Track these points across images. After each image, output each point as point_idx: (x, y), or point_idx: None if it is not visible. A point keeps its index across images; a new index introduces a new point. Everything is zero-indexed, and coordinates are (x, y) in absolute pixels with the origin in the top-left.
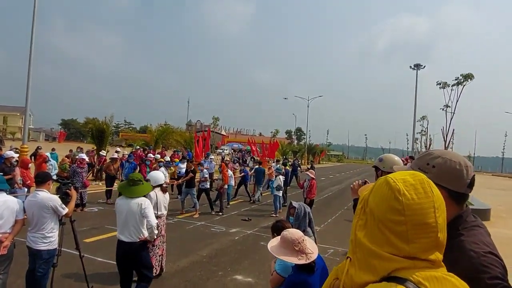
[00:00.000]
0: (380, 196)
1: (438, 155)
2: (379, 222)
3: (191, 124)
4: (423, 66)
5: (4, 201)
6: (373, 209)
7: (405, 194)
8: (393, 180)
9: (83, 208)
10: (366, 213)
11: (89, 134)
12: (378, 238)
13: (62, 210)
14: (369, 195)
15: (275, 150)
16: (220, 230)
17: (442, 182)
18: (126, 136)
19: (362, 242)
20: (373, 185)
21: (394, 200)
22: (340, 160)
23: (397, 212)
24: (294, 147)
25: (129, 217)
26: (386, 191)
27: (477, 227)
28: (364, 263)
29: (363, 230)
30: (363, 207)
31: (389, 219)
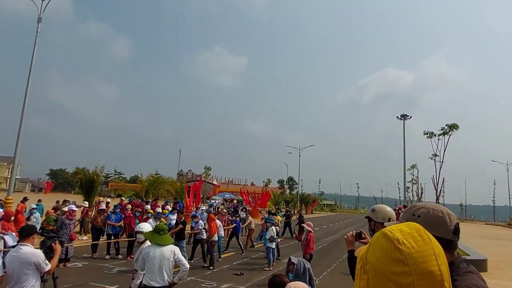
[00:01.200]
0: (380, 250)
1: (421, 206)
2: (383, 278)
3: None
4: (410, 117)
5: None
6: (374, 264)
7: (405, 243)
8: (389, 231)
9: (66, 263)
10: (366, 272)
11: (78, 184)
12: None
13: (45, 266)
14: (367, 252)
15: (267, 200)
16: (211, 285)
17: (428, 230)
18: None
19: None
20: (370, 242)
21: (395, 251)
22: (333, 210)
23: (400, 262)
24: (287, 197)
25: (162, 263)
26: (385, 243)
27: (470, 273)
28: None
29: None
30: (362, 266)
31: (392, 272)
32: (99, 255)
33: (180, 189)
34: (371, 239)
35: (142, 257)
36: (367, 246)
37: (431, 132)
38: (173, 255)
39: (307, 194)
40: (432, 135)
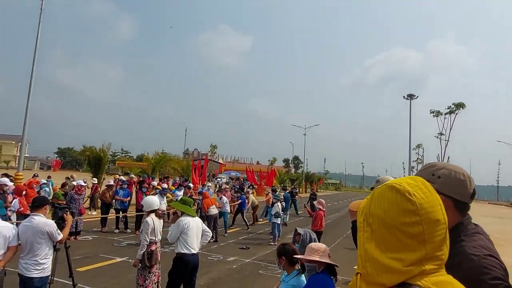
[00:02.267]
0: (388, 202)
1: (442, 166)
2: (392, 228)
3: (188, 152)
4: (416, 96)
5: None
6: (381, 216)
7: (415, 194)
8: (398, 184)
9: (77, 236)
10: (370, 224)
11: (86, 161)
12: (393, 245)
13: (57, 236)
14: (369, 206)
15: (272, 178)
16: (217, 258)
17: (447, 192)
18: (122, 164)
19: (372, 255)
20: (371, 196)
21: (406, 202)
22: (338, 189)
23: (412, 213)
24: (292, 175)
25: (198, 232)
26: (394, 195)
27: (477, 234)
28: (375, 276)
29: (371, 242)
30: (365, 219)
31: (403, 222)
32: (108, 229)
33: (186, 167)
34: (372, 193)
35: (182, 228)
36: (367, 200)
37: (438, 111)
38: (201, 225)
39: (312, 173)
40: (439, 114)
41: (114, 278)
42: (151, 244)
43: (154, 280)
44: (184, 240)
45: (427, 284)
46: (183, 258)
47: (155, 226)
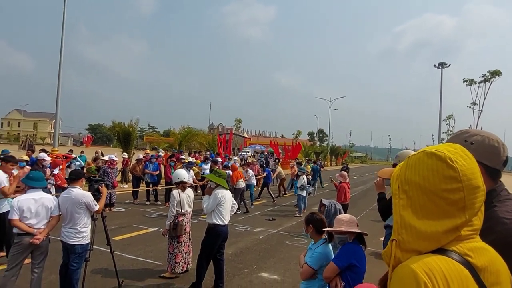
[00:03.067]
0: (428, 169)
1: (475, 133)
2: (431, 195)
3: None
4: (448, 65)
5: (39, 198)
6: (419, 183)
7: (457, 161)
8: (438, 151)
9: (112, 208)
10: (406, 191)
11: (116, 137)
12: (431, 212)
13: (94, 206)
14: (405, 173)
15: (297, 152)
16: (244, 229)
17: (480, 159)
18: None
19: (408, 222)
20: (405, 163)
21: (448, 169)
22: (364, 162)
23: (453, 180)
24: (317, 149)
25: (230, 204)
26: (435, 162)
27: (510, 200)
28: (411, 243)
29: (407, 209)
30: (399, 186)
31: (444, 189)
32: (140, 201)
33: (212, 141)
34: (407, 160)
35: (218, 199)
36: (400, 167)
37: (471, 79)
38: (231, 197)
39: (337, 146)
40: (472, 82)
41: (147, 247)
42: (178, 216)
43: (184, 250)
44: (219, 211)
45: (462, 250)
46: (217, 229)
47: (182, 198)
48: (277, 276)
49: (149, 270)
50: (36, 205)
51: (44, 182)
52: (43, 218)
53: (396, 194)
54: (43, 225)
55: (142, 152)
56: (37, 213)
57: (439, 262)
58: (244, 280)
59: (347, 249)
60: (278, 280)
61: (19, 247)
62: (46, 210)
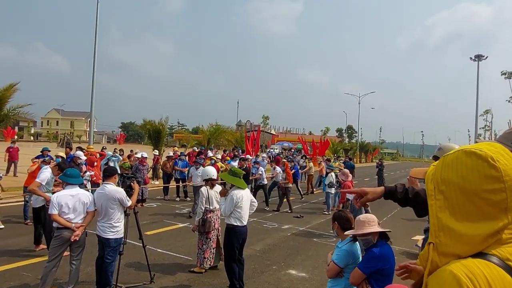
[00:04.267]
0: (467, 168)
1: None
2: (472, 196)
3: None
4: (485, 57)
5: (76, 194)
6: (459, 184)
7: (499, 160)
8: (478, 150)
9: (143, 203)
10: (442, 192)
11: (147, 135)
12: (471, 214)
13: (127, 202)
14: (441, 172)
15: (325, 149)
16: (272, 226)
17: None
18: (179, 137)
19: (446, 224)
20: (441, 162)
21: (490, 168)
22: (395, 158)
23: (495, 180)
24: (346, 145)
25: (247, 204)
26: (475, 161)
27: None
28: (450, 246)
29: (445, 211)
30: (435, 187)
31: (485, 189)
32: (170, 197)
33: (240, 138)
34: (443, 160)
35: (235, 201)
36: (434, 166)
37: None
38: (251, 197)
39: (366, 142)
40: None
41: (178, 242)
42: (207, 212)
43: (212, 245)
44: (237, 213)
45: (504, 254)
46: (236, 230)
47: (210, 195)
48: (305, 273)
49: (179, 265)
50: (73, 201)
51: (81, 179)
52: (80, 213)
53: (432, 195)
54: (80, 219)
55: (172, 149)
56: (74, 208)
57: (481, 266)
58: (272, 277)
59: (372, 255)
60: (306, 278)
61: (59, 240)
62: (83, 206)
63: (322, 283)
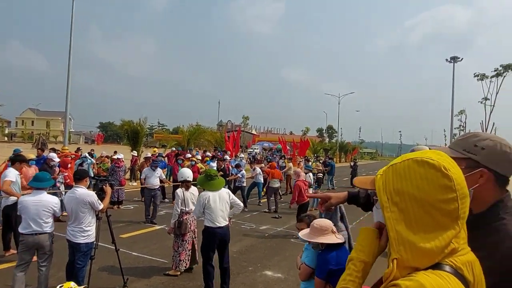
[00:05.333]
0: (421, 178)
1: (486, 137)
2: (427, 206)
3: (222, 124)
4: (460, 59)
5: (41, 199)
6: (414, 194)
7: (450, 169)
8: (430, 159)
9: (120, 205)
10: (396, 203)
11: (125, 135)
12: (426, 224)
13: (98, 206)
14: (392, 183)
15: (306, 149)
16: (250, 227)
17: (491, 165)
18: (159, 137)
19: (406, 238)
20: (390, 171)
21: (443, 178)
22: (374, 158)
23: (449, 189)
24: (326, 145)
25: (222, 205)
26: (428, 170)
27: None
28: (410, 261)
29: (401, 223)
30: (389, 198)
31: (440, 199)
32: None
33: (220, 139)
34: (393, 168)
35: (202, 204)
36: (382, 176)
37: (483, 74)
38: (229, 197)
39: (346, 142)
40: (484, 77)
41: (153, 244)
42: (182, 214)
43: (188, 247)
44: (208, 214)
45: (458, 264)
46: (209, 231)
47: (186, 197)
48: (281, 274)
49: (154, 268)
50: (35, 207)
51: (48, 182)
52: (41, 219)
53: (387, 207)
54: (46, 227)
55: (150, 150)
56: (35, 213)
57: (439, 278)
58: (248, 279)
59: (321, 260)
60: (282, 279)
61: (23, 245)
62: (48, 211)
63: (298, 283)
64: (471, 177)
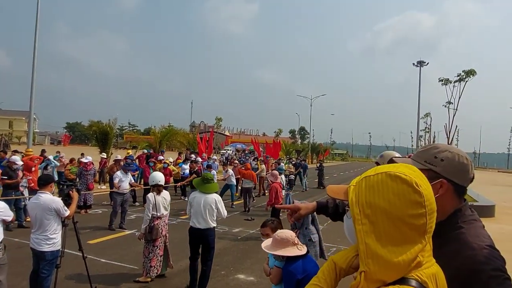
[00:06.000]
0: (393, 193)
1: (445, 149)
2: (397, 221)
3: (195, 125)
4: (426, 63)
5: None
6: (386, 208)
7: (421, 185)
8: (403, 174)
9: (88, 210)
10: (368, 216)
11: (94, 137)
12: (395, 238)
13: (64, 212)
14: (365, 195)
15: (278, 150)
16: (222, 230)
17: (450, 176)
18: (130, 138)
19: (375, 251)
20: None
21: (414, 194)
22: (345, 159)
23: (419, 205)
24: (298, 147)
25: (205, 208)
26: (400, 185)
27: (474, 221)
28: (377, 274)
29: (371, 235)
30: (361, 210)
31: (409, 214)
32: None
33: (192, 140)
34: (366, 181)
35: (189, 202)
36: (354, 187)
37: (447, 79)
38: (215, 203)
39: (318, 143)
40: (448, 82)
41: (123, 250)
42: (154, 219)
43: (159, 253)
44: (192, 213)
45: (423, 278)
46: (190, 230)
47: (157, 202)
48: (254, 277)
49: (123, 274)
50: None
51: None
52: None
53: (358, 219)
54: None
55: (121, 152)
56: None
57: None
58: (220, 283)
59: (285, 273)
60: (254, 282)
61: None
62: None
63: (270, 286)
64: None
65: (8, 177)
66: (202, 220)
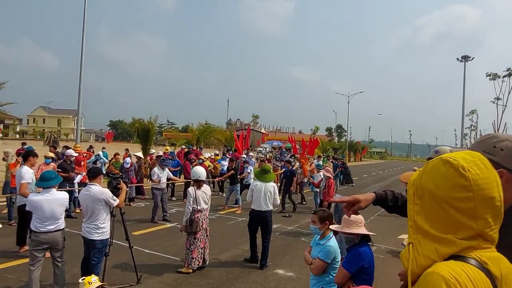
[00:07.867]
0: (441, 176)
1: (505, 138)
2: (442, 203)
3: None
4: (472, 58)
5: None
6: (432, 190)
7: (470, 170)
8: (453, 159)
9: (131, 203)
10: (420, 197)
11: (136, 133)
12: (442, 220)
13: (113, 202)
14: (420, 178)
15: (315, 148)
16: None
17: (510, 165)
18: (169, 136)
19: (422, 227)
20: (423, 168)
21: (460, 178)
22: (383, 158)
23: (464, 189)
24: (335, 144)
25: (265, 194)
26: (448, 169)
27: None
28: (427, 247)
29: (421, 214)
30: (415, 192)
31: (455, 197)
32: None
33: (229, 137)
34: (425, 166)
35: (250, 189)
36: (419, 172)
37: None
38: (273, 190)
39: (355, 141)
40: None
41: (165, 242)
42: (194, 212)
43: (200, 245)
44: (253, 198)
45: (483, 259)
46: (251, 212)
47: (197, 196)
48: (292, 273)
49: (166, 265)
50: (48, 205)
51: (55, 180)
52: (55, 217)
53: (411, 199)
54: (55, 223)
55: (162, 149)
56: (48, 211)
57: (464, 269)
58: (259, 277)
59: (356, 253)
60: (293, 277)
61: (35, 243)
62: (61, 208)
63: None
64: None
65: (63, 170)
66: (263, 204)
